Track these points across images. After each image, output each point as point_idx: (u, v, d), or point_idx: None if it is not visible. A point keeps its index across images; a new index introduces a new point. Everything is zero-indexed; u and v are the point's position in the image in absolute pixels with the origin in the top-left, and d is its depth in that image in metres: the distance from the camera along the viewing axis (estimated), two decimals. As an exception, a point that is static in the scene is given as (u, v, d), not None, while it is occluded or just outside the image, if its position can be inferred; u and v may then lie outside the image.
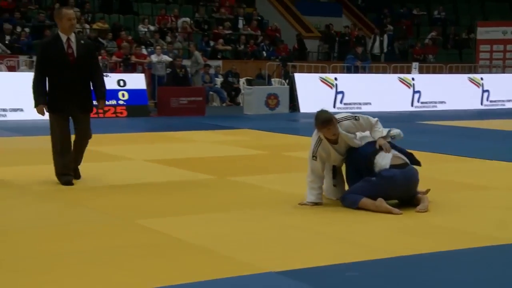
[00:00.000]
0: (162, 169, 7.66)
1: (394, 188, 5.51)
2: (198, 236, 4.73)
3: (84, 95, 6.62)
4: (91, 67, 6.62)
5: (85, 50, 6.57)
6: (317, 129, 5.72)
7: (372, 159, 5.54)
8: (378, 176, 5.49)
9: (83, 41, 6.69)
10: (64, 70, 6.45)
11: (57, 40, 6.54)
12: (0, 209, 5.61)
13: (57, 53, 6.45)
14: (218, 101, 18.41)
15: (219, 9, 22.60)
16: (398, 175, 5.48)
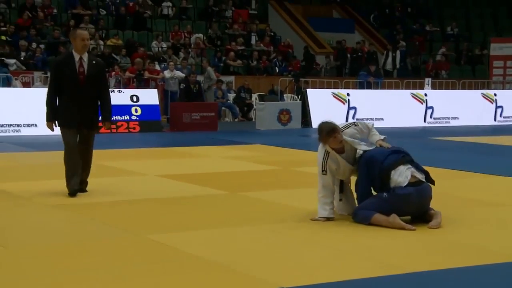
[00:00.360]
0: (174, 184, 7.67)
1: (408, 205, 5.48)
2: (210, 251, 4.72)
3: (91, 113, 6.87)
4: (100, 87, 6.88)
5: (96, 70, 6.83)
6: (323, 141, 5.77)
7: (389, 173, 5.50)
8: (391, 193, 5.46)
9: (94, 61, 6.91)
10: (74, 88, 6.71)
11: (70, 58, 6.80)
12: (14, 224, 5.64)
13: (69, 71, 6.71)
14: (231, 116, 18.46)
15: (232, 25, 22.73)
16: (413, 193, 5.44)
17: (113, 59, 18.97)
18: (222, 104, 18.11)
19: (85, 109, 6.77)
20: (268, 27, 23.45)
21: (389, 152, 5.66)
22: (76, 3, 20.73)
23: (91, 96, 6.82)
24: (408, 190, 5.43)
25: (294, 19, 24.78)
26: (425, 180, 5.60)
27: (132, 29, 20.96)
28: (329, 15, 26.50)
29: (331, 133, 5.68)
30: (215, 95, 18.09)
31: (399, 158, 5.60)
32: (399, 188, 5.44)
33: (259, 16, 24.36)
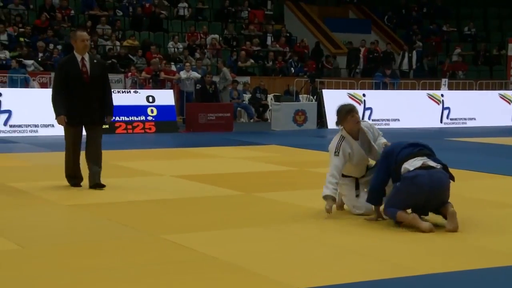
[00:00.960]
0: (190, 184, 7.70)
1: (420, 188, 5.28)
2: (225, 251, 4.73)
3: (97, 109, 7.24)
4: (103, 84, 7.28)
5: (99, 69, 7.26)
6: (342, 119, 5.89)
7: (402, 165, 5.46)
8: (402, 180, 5.42)
9: (96, 60, 7.37)
10: (80, 86, 7.10)
11: (73, 59, 7.19)
12: (31, 224, 5.69)
13: (74, 71, 7.10)
14: (246, 117, 18.48)
15: (248, 26, 22.75)
16: (422, 174, 5.31)
17: (130, 59, 19.08)
18: (237, 105, 18.14)
19: (91, 107, 7.15)
20: (283, 27, 23.45)
21: (406, 145, 5.63)
22: (93, 4, 20.86)
23: (96, 94, 7.18)
24: (416, 172, 5.35)
25: (310, 20, 24.75)
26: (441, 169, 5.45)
27: (148, 30, 21.06)
28: (345, 15, 26.44)
29: (350, 111, 5.88)
30: (231, 96, 18.12)
31: (414, 151, 5.54)
32: (407, 172, 5.39)
33: (275, 16, 24.36)
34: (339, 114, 5.94)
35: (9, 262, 4.46)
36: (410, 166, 5.43)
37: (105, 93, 7.28)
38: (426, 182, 5.32)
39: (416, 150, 5.57)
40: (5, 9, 19.55)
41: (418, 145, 5.66)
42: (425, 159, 5.48)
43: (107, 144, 12.16)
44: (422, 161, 5.45)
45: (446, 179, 5.47)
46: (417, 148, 5.59)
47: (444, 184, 5.44)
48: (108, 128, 14.11)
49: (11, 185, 7.41)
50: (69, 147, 7.29)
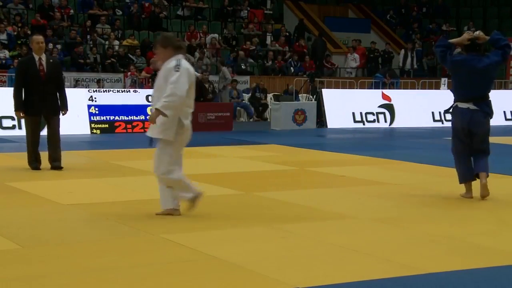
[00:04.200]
0: (190, 184, 7.67)
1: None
2: (225, 251, 4.72)
3: (53, 102, 8.39)
4: (57, 81, 8.46)
5: (53, 68, 8.45)
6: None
7: None
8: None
9: (52, 60, 8.65)
10: (37, 82, 8.25)
11: (31, 59, 8.41)
12: (30, 223, 5.67)
13: (32, 69, 8.28)
14: (246, 116, 18.47)
15: (247, 25, 22.74)
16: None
17: (129, 59, 19.05)
18: (237, 104, 18.12)
19: (48, 99, 8.28)
20: (283, 27, 23.44)
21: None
22: (92, 3, 20.84)
23: (51, 89, 8.34)
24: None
25: (310, 19, 24.73)
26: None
27: (148, 29, 21.04)
28: (345, 15, 26.42)
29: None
30: (230, 95, 18.11)
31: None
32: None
33: (275, 16, 24.35)
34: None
35: (9, 261, 4.45)
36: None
37: (60, 88, 8.44)
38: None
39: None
40: (4, 9, 19.53)
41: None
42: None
43: (107, 143, 12.22)
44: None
45: (483, 118, 6.69)
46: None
47: (481, 123, 6.73)
48: (107, 128, 14.15)
49: (10, 184, 7.40)
50: (29, 135, 8.38)
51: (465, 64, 6.65)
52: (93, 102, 14.18)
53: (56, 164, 8.43)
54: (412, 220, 5.86)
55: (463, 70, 6.65)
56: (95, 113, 14.12)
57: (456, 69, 6.73)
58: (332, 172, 8.63)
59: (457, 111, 6.73)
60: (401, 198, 6.94)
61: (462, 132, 6.71)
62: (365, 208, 6.44)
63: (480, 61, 6.64)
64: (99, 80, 17.75)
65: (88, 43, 19.41)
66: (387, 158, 10.13)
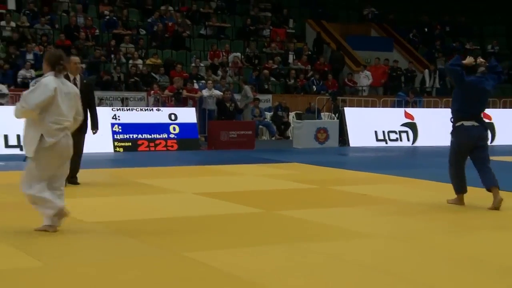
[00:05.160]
0: (211, 202, 7.71)
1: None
2: (246, 269, 4.73)
3: (83, 120, 8.32)
4: (89, 100, 8.73)
5: (87, 88, 8.73)
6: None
7: None
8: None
9: (85, 80, 9.04)
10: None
11: (66, 78, 8.29)
12: (53, 240, 5.73)
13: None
14: (268, 134, 18.50)
15: (269, 44, 22.86)
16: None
17: (152, 77, 19.24)
18: (259, 123, 18.17)
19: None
20: (305, 45, 23.52)
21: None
22: (117, 23, 21.12)
23: (82, 108, 8.07)
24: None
25: (332, 38, 24.79)
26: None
27: (171, 48, 21.25)
28: (367, 33, 26.43)
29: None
30: (252, 114, 18.16)
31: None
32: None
33: (297, 35, 24.44)
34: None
35: (31, 279, 4.50)
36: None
37: (91, 107, 8.80)
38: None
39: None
40: (31, 29, 19.88)
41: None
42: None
43: (129, 161, 12.31)
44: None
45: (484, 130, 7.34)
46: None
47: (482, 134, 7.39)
48: (130, 146, 14.27)
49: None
50: None
51: (477, 85, 7.22)
52: (116, 120, 14.33)
53: (73, 180, 8.66)
54: (434, 239, 5.81)
55: (475, 91, 7.21)
56: (118, 131, 14.25)
57: (469, 89, 7.20)
58: (354, 190, 8.60)
59: (462, 129, 7.28)
60: (424, 217, 6.89)
61: (467, 148, 7.26)
62: (387, 226, 6.40)
63: (486, 82, 7.27)
64: (122, 99, 17.94)
65: (112, 62, 19.65)
66: (410, 177, 10.07)
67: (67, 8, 21.37)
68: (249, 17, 23.56)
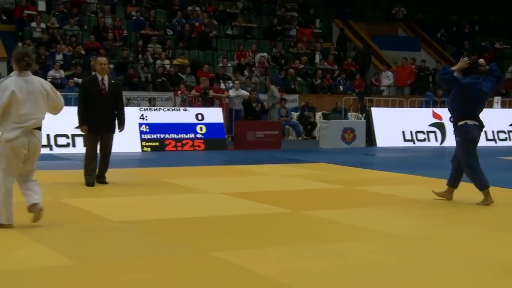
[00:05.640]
0: (238, 202, 7.74)
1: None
2: (272, 269, 4.73)
3: (110, 120, 8.83)
4: (117, 100, 8.87)
5: (114, 88, 8.89)
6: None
7: None
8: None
9: (113, 80, 9.10)
10: (98, 101, 8.70)
11: (94, 79, 8.85)
12: (82, 239, 5.81)
13: (94, 88, 8.73)
14: (294, 135, 18.48)
15: (296, 44, 22.83)
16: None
17: (179, 78, 19.35)
18: (286, 123, 18.16)
19: (106, 117, 8.72)
20: (332, 45, 23.44)
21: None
22: (144, 24, 21.28)
23: (110, 108, 8.77)
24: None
25: (359, 37, 24.67)
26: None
27: (198, 48, 21.34)
28: (394, 33, 26.26)
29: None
30: (279, 114, 18.17)
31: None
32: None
33: (323, 34, 24.38)
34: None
35: (62, 277, 4.56)
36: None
37: (119, 107, 8.86)
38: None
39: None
40: (61, 30, 20.12)
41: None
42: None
43: (156, 161, 12.40)
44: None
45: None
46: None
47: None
48: (158, 146, 14.37)
49: (63, 201, 7.58)
50: (87, 150, 8.79)
51: (475, 86, 7.41)
52: (144, 120, 14.44)
53: (101, 180, 8.82)
54: (461, 241, 5.76)
55: (472, 92, 7.41)
56: (146, 131, 14.37)
57: (467, 90, 7.40)
58: (381, 191, 8.56)
59: (470, 126, 7.49)
60: (452, 218, 6.83)
61: (474, 144, 7.58)
62: (414, 227, 6.36)
63: (484, 84, 7.47)
64: (150, 99, 18.07)
65: (140, 63, 19.81)
66: (438, 178, 9.98)
67: (95, 9, 21.59)
68: (275, 17, 23.57)
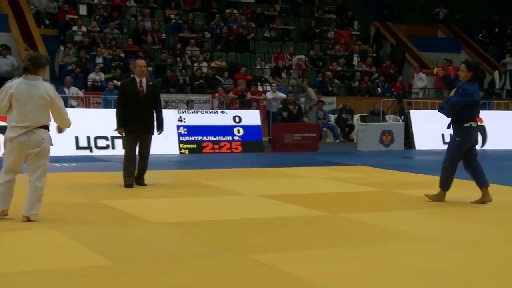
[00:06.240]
0: (275, 204, 7.74)
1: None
2: (310, 272, 4.72)
3: (149, 121, 8.88)
4: (155, 102, 8.95)
5: (152, 90, 8.94)
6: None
7: None
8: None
9: (151, 82, 9.14)
10: (137, 103, 8.77)
11: (133, 81, 8.91)
12: (123, 240, 5.88)
13: (133, 91, 8.79)
14: (332, 137, 18.41)
15: (334, 46, 22.74)
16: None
17: (217, 80, 19.45)
18: (323, 125, 18.10)
19: (144, 119, 8.78)
20: (370, 47, 23.29)
21: None
22: (183, 27, 21.46)
23: (148, 109, 8.84)
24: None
25: (398, 40, 24.44)
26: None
27: (235, 51, 21.43)
28: (433, 34, 25.94)
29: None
30: (316, 116, 18.12)
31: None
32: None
33: (361, 37, 24.24)
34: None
35: (101, 277, 4.63)
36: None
37: (157, 109, 8.95)
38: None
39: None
40: (101, 33, 20.43)
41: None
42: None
43: (194, 163, 12.49)
44: None
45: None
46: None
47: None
48: (195, 148, 14.47)
49: (103, 202, 7.69)
50: (126, 152, 8.84)
51: (478, 92, 7.85)
52: (182, 122, 14.56)
53: (140, 181, 8.91)
54: (500, 245, 5.66)
55: (477, 95, 7.80)
56: (183, 134, 14.48)
57: (476, 97, 7.76)
58: (419, 194, 8.46)
59: (474, 129, 7.74)
60: (491, 222, 6.72)
61: (467, 148, 7.75)
62: (452, 231, 6.28)
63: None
64: (187, 101, 18.22)
65: (178, 65, 19.98)
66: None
67: (135, 12, 21.87)
68: (313, 19, 23.51)
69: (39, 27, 20.10)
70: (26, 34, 19.26)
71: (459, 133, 7.76)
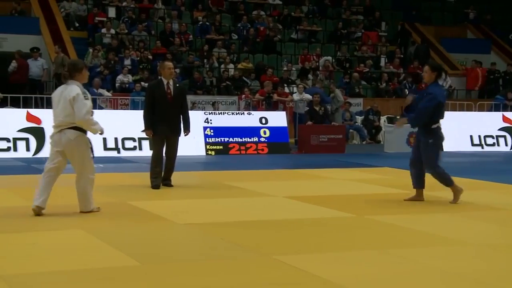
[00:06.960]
0: (302, 206, 7.73)
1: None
2: (337, 274, 4.71)
3: (176, 123, 8.95)
4: (182, 104, 9.02)
5: (179, 92, 9.03)
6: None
7: None
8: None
9: (178, 84, 9.21)
10: (164, 104, 8.83)
11: (160, 83, 8.98)
12: (149, 241, 5.93)
13: (160, 92, 8.85)
14: (358, 139, 18.32)
15: (361, 47, 22.64)
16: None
17: (243, 82, 19.49)
18: (350, 127, 18.03)
19: (171, 120, 8.84)
20: (398, 48, 23.12)
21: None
22: (210, 29, 21.55)
23: (175, 111, 8.91)
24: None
25: (426, 40, 24.24)
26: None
27: (262, 52, 21.45)
28: (462, 35, 25.68)
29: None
30: (343, 117, 18.05)
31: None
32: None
33: (389, 38, 24.09)
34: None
35: (129, 278, 4.67)
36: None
37: (184, 111, 9.00)
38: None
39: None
40: (129, 36, 20.62)
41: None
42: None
43: (221, 164, 12.54)
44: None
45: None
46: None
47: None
48: (222, 149, 14.52)
49: (131, 203, 7.76)
50: (154, 153, 8.94)
51: (443, 94, 8.38)
52: (208, 124, 14.62)
53: (167, 182, 8.96)
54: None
55: (443, 97, 8.27)
56: (210, 135, 14.54)
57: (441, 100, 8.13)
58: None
59: (439, 130, 8.20)
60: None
61: (441, 146, 8.18)
62: (480, 234, 6.22)
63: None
64: (214, 103, 18.29)
65: (205, 67, 20.06)
66: (507, 183, 9.70)
67: (163, 14, 22.02)
68: (340, 20, 23.43)
69: (69, 29, 20.38)
70: (56, 36, 19.55)
71: (430, 135, 8.01)
